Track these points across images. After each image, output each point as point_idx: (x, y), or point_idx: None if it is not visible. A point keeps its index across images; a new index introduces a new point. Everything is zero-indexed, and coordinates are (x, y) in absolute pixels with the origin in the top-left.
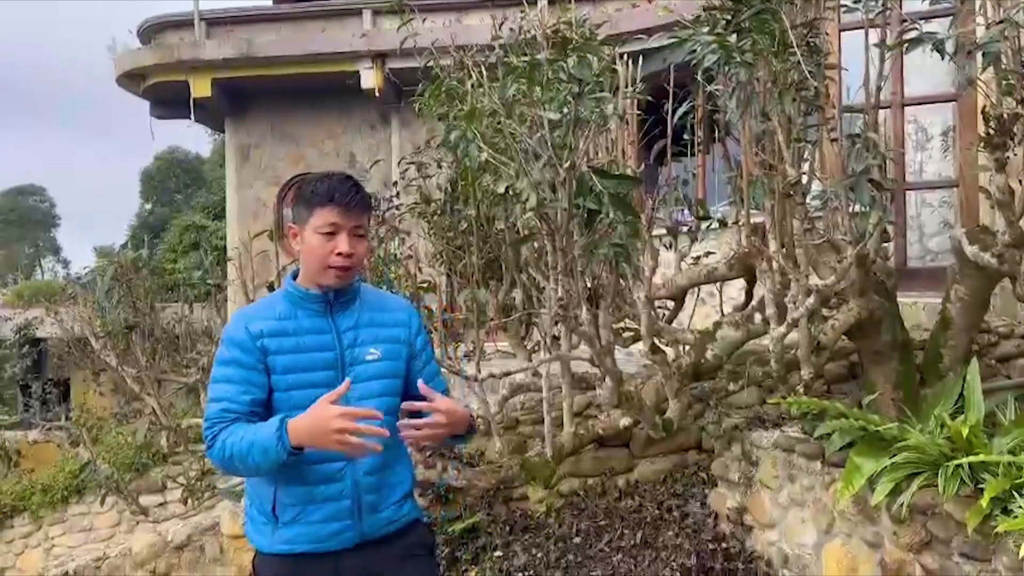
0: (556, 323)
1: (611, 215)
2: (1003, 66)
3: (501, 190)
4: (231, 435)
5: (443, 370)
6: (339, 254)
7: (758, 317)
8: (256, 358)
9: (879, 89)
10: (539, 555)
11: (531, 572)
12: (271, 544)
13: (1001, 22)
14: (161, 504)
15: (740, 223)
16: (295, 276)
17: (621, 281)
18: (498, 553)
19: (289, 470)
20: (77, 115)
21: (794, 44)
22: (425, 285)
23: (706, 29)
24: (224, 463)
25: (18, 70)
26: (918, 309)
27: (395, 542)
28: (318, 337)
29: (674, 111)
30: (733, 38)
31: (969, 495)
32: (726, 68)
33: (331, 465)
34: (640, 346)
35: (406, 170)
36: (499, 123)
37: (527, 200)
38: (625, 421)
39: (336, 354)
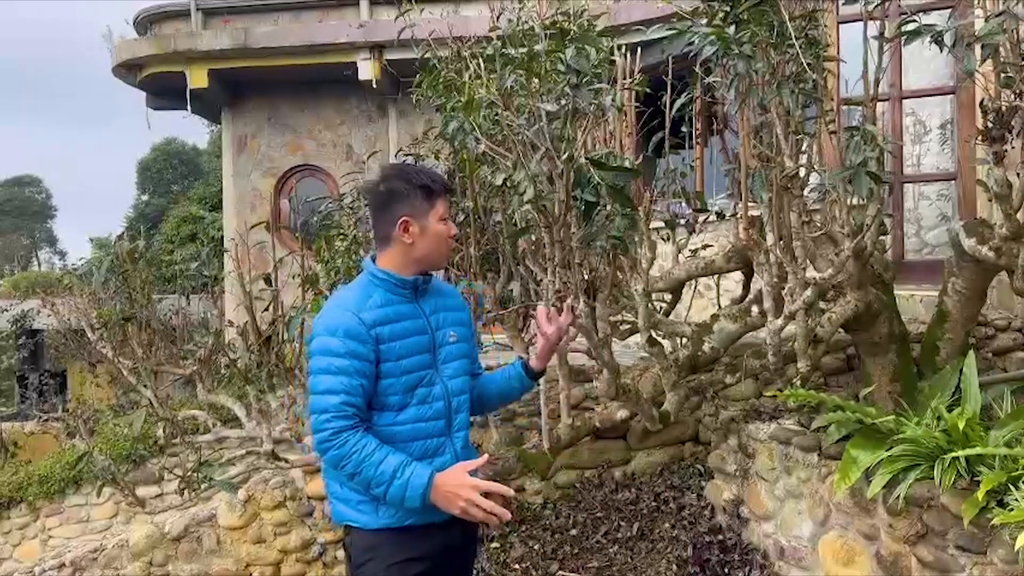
0: None
1: (609, 207)
2: (1002, 59)
3: (499, 182)
4: (365, 448)
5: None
6: (452, 236)
7: (755, 310)
8: (370, 348)
9: (878, 81)
10: (536, 547)
11: (528, 564)
12: (376, 520)
13: (1000, 14)
14: (158, 495)
15: (738, 215)
16: (373, 260)
17: (619, 273)
18: (495, 545)
19: (393, 447)
20: (74, 106)
21: (792, 36)
22: None
23: (704, 21)
24: (338, 463)
25: (14, 61)
26: (915, 302)
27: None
28: (414, 322)
29: (672, 103)
30: (731, 30)
31: (965, 488)
32: (724, 60)
33: (433, 441)
34: (637, 338)
35: (404, 161)
36: (497, 114)
37: (524, 192)
38: (622, 413)
39: (429, 337)
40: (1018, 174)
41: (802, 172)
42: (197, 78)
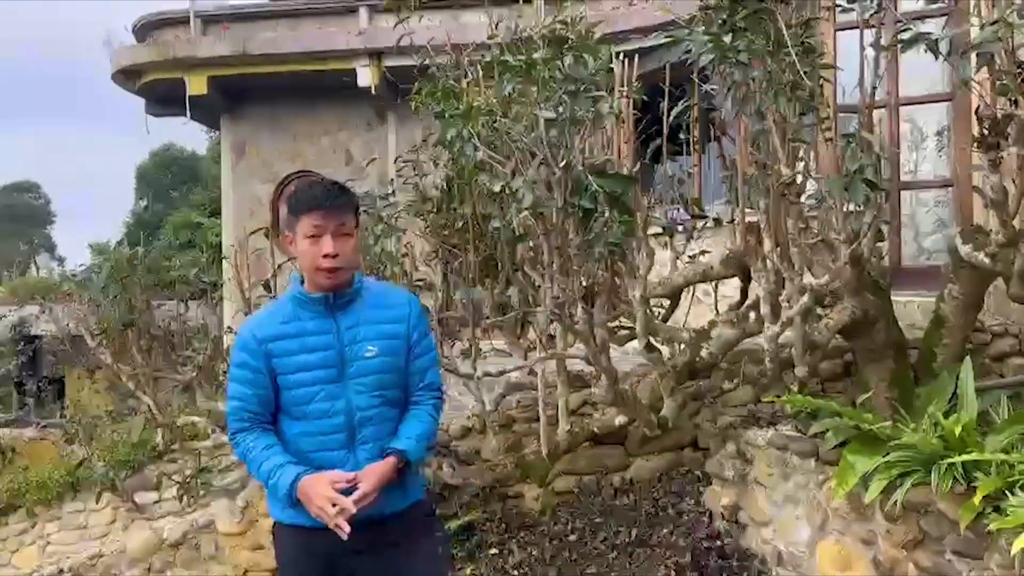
0: (552, 322)
1: (606, 214)
2: (997, 66)
3: (497, 189)
4: (254, 449)
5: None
6: (325, 255)
7: (753, 316)
8: (262, 362)
9: (874, 89)
10: (535, 553)
11: (526, 570)
12: (285, 516)
13: (995, 22)
14: (156, 502)
15: (735, 222)
16: (302, 280)
17: (617, 280)
18: (494, 551)
19: (297, 456)
20: (73, 112)
21: (789, 44)
22: (421, 283)
23: (701, 28)
24: (242, 461)
25: (14, 66)
26: (913, 308)
27: (400, 519)
28: (320, 338)
29: (670, 110)
30: (728, 38)
31: (962, 493)
32: (721, 67)
33: (333, 454)
34: (636, 344)
35: (403, 168)
36: (495, 122)
37: (523, 199)
38: (620, 419)
39: (336, 352)
40: (1014, 181)
41: (799, 179)
42: (196, 85)
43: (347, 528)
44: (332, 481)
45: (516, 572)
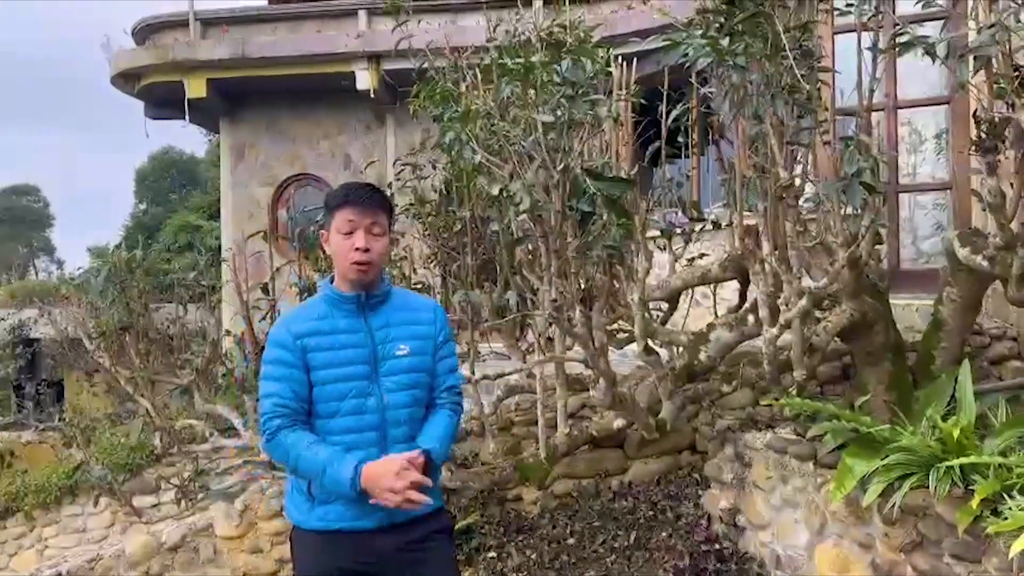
0: (550, 324)
1: (605, 217)
2: (994, 70)
3: (495, 192)
4: (298, 444)
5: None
6: (356, 249)
7: (751, 319)
8: (297, 356)
9: (872, 92)
10: (533, 556)
11: (525, 573)
12: (308, 520)
13: (993, 26)
14: (155, 505)
15: (733, 225)
16: (332, 280)
17: (615, 283)
18: (492, 554)
19: None
20: (72, 115)
21: (787, 47)
22: (419, 286)
23: (699, 32)
24: (282, 460)
25: (13, 69)
26: (911, 311)
27: (421, 525)
28: (353, 335)
29: (668, 113)
30: (726, 41)
31: (960, 496)
32: (719, 71)
33: (365, 452)
34: (634, 347)
35: (401, 171)
36: (493, 125)
37: (521, 202)
38: (619, 422)
39: (369, 350)
40: (1011, 184)
41: (797, 182)
42: (195, 88)
43: (421, 499)
44: (394, 463)
45: (514, 575)
